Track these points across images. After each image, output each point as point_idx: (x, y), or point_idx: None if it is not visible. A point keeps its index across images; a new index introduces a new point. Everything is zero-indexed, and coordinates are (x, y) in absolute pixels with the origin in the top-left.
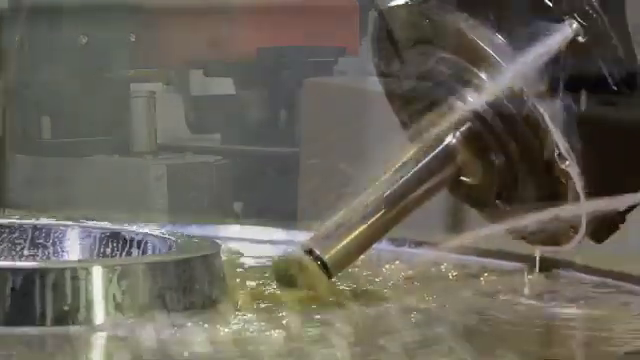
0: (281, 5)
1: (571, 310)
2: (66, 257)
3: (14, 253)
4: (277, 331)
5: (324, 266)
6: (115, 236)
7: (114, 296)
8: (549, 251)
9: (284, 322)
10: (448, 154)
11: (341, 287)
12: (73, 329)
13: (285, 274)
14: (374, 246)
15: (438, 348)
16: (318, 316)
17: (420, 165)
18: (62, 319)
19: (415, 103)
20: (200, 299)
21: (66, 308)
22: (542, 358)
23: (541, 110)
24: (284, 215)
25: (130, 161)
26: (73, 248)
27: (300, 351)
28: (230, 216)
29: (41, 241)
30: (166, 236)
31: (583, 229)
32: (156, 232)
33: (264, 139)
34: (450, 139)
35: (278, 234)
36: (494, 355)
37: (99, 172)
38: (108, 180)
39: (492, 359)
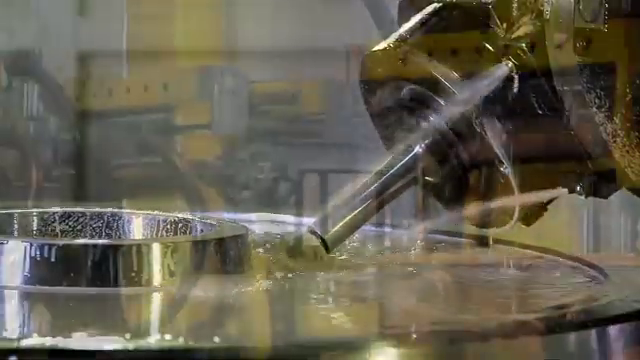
0: None
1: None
2: (133, 237)
3: (94, 234)
4: (290, 286)
5: (324, 243)
6: (170, 221)
7: (168, 265)
8: (491, 232)
9: (295, 281)
10: (416, 160)
11: (338, 258)
12: (138, 289)
13: (295, 248)
14: (361, 228)
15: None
16: (317, 278)
17: (396, 167)
18: (130, 282)
19: (392, 122)
20: (232, 268)
21: (133, 274)
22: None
23: (485, 127)
24: None
25: None
26: (138, 230)
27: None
28: None
29: (114, 225)
30: (208, 221)
31: (516, 215)
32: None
33: None
34: (418, 149)
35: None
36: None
37: None
38: None
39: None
